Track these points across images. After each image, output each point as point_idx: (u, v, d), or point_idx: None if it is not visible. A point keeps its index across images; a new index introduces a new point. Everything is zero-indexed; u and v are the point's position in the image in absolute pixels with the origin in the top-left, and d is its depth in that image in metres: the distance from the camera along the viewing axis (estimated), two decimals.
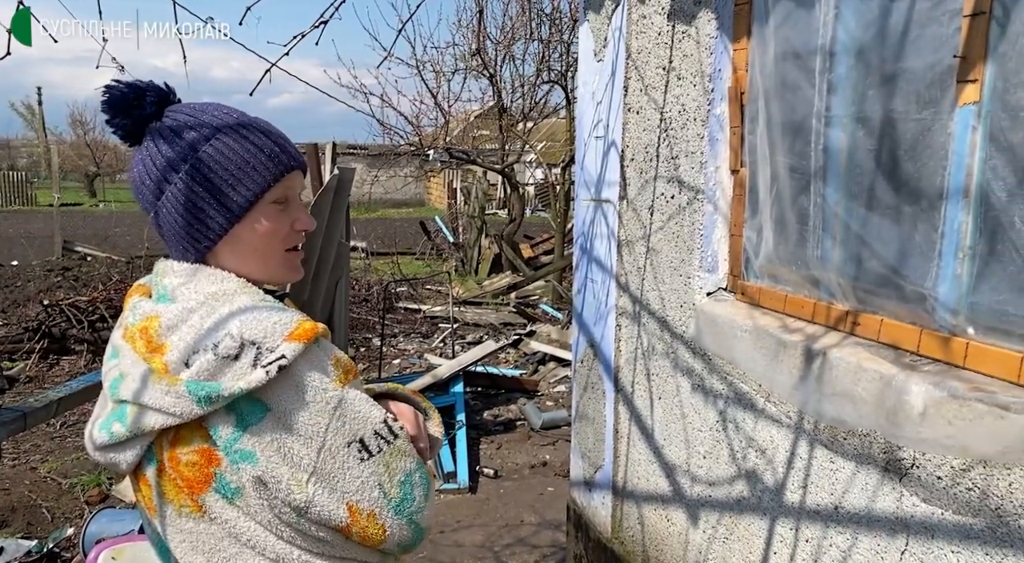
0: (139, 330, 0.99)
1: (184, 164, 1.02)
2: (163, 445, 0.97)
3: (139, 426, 0.95)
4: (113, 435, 0.97)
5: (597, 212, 2.82)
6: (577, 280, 3.04)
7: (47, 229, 15.94)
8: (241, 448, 0.95)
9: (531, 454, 5.03)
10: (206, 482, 0.96)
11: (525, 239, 15.76)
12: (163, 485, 0.99)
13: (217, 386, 0.93)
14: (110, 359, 1.04)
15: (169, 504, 0.99)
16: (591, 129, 2.85)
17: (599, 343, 2.83)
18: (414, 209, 29.43)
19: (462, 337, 9.03)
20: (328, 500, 0.96)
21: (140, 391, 0.95)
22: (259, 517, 0.97)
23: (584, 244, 2.95)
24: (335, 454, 0.97)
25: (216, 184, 1.02)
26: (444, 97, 12.41)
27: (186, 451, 0.96)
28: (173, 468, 0.97)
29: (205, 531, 0.98)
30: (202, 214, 1.03)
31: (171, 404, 0.93)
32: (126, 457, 0.99)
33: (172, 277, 1.04)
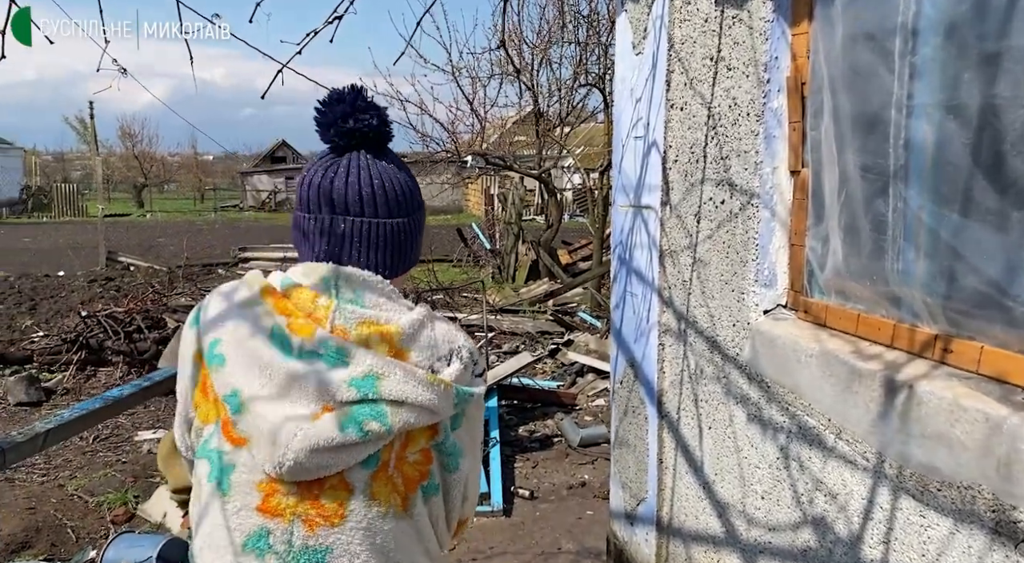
0: (374, 334, 1.01)
1: (422, 203, 1.17)
2: (394, 446, 1.01)
3: (404, 424, 0.98)
4: (368, 434, 0.97)
5: (636, 219, 2.57)
6: (615, 293, 2.80)
7: (95, 239, 16.19)
8: (454, 444, 1.06)
9: (569, 473, 4.77)
10: (420, 480, 1.04)
11: (563, 245, 15.50)
12: (375, 487, 1.01)
13: (471, 390, 1.04)
14: (310, 359, 0.99)
15: (375, 506, 1.01)
16: (630, 129, 2.61)
17: (640, 363, 2.58)
18: (452, 216, 29.39)
19: (498, 346, 8.81)
20: (470, 493, 1.13)
21: (413, 391, 0.98)
22: (435, 513, 1.08)
23: (622, 254, 2.71)
24: (475, 454, 1.13)
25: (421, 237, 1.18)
26: (480, 103, 12.24)
27: (413, 451, 1.03)
28: (398, 467, 1.02)
29: (399, 529, 1.03)
30: (420, 244, 1.16)
31: (442, 404, 1.00)
32: (351, 458, 0.98)
33: (368, 287, 1.05)
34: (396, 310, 1.05)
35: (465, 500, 1.13)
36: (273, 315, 1.01)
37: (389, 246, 1.09)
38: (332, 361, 0.98)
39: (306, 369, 0.97)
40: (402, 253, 1.11)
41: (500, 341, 9.05)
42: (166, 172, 51.85)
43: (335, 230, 1.06)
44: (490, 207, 17.02)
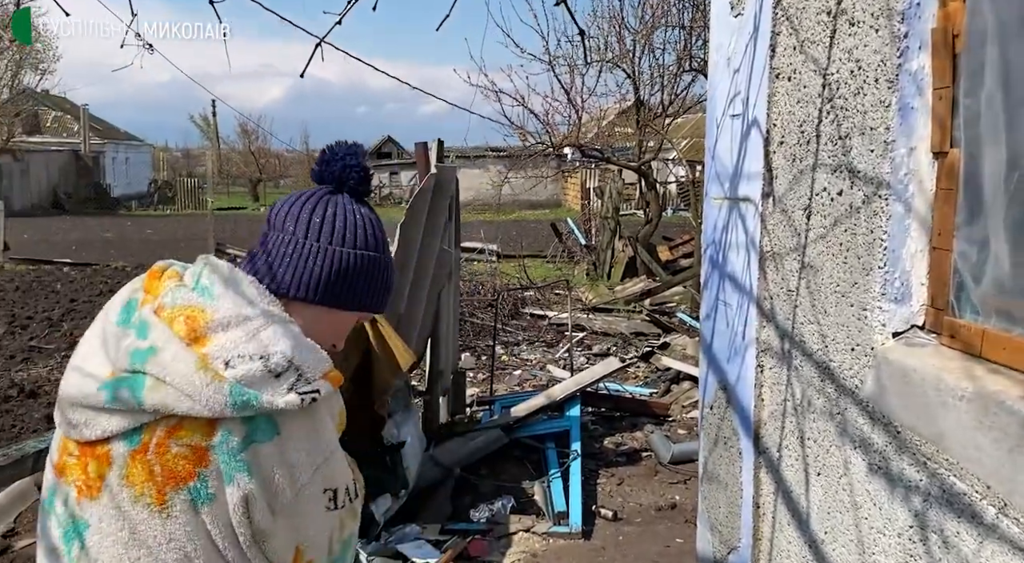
0: (183, 315, 0.99)
1: (382, 253, 1.14)
2: (156, 429, 0.96)
3: (158, 403, 0.94)
4: (116, 400, 0.95)
5: (732, 214, 2.16)
6: (706, 302, 2.39)
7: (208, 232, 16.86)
8: (243, 460, 0.95)
9: (657, 493, 4.36)
10: (185, 479, 0.95)
11: (664, 241, 14.87)
12: (132, 467, 0.96)
13: (257, 395, 0.95)
14: (121, 325, 1.02)
15: (128, 488, 0.96)
16: (725, 106, 2.19)
17: (734, 386, 2.16)
18: (550, 210, 29.09)
19: (588, 347, 8.43)
20: (285, 537, 0.99)
21: (177, 373, 0.95)
22: (215, 531, 0.96)
23: (715, 255, 2.29)
24: (310, 497, 1.00)
25: (379, 283, 1.15)
26: (577, 92, 11.82)
27: (181, 443, 0.95)
28: (157, 455, 0.95)
29: (155, 527, 0.96)
30: (355, 286, 1.11)
31: (207, 397, 0.94)
32: (107, 425, 0.97)
33: (229, 284, 1.04)
34: (231, 304, 1.01)
35: (263, 537, 0.98)
36: (139, 290, 1.07)
37: (300, 264, 1.08)
38: (139, 333, 1.00)
39: (116, 333, 1.01)
40: (315, 276, 1.08)
41: (591, 341, 8.66)
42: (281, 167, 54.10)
43: (264, 242, 1.12)
44: (586, 201, 16.58)
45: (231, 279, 1.05)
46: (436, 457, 4.26)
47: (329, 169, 1.13)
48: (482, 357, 7.87)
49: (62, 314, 9.95)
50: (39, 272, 13.81)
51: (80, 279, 12.96)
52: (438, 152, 4.51)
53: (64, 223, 25.93)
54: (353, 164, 1.13)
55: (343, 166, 1.12)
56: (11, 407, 6.28)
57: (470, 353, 8.02)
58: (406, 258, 3.77)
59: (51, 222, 26.12)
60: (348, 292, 1.10)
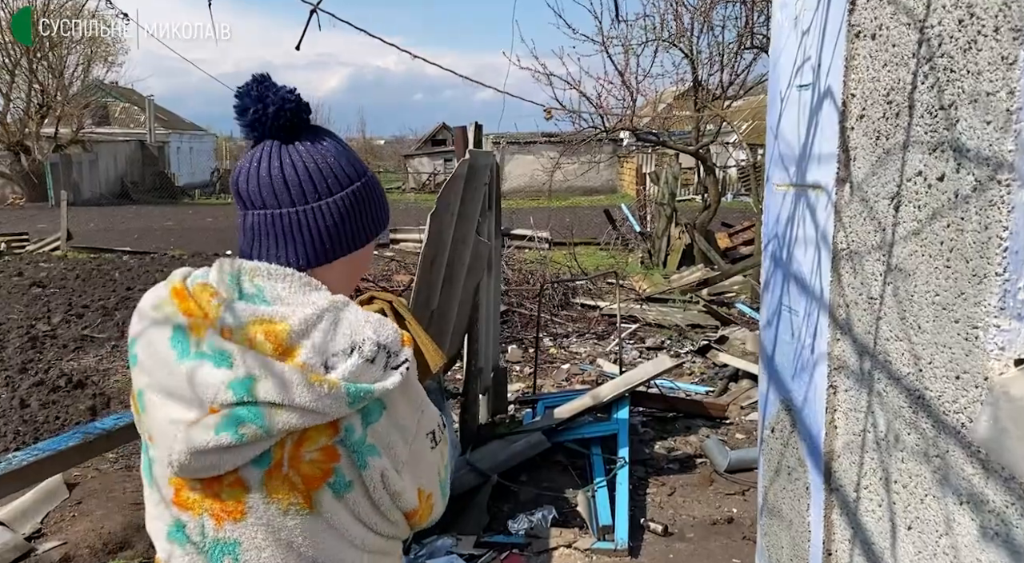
0: (260, 333, 0.98)
1: (361, 178, 1.11)
2: (286, 445, 0.99)
3: (284, 426, 0.96)
4: (244, 437, 0.96)
5: (799, 204, 1.81)
6: (766, 305, 2.04)
7: None
8: (369, 443, 1.01)
9: (712, 505, 4.01)
10: (323, 478, 1.00)
11: (723, 227, 14.31)
12: (271, 485, 1.00)
13: (369, 387, 0.98)
14: (200, 358, 0.98)
15: (274, 503, 1.00)
16: (792, 76, 1.84)
17: (799, 408, 1.82)
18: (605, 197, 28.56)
19: (641, 340, 8.06)
20: (410, 486, 1.06)
21: (291, 393, 0.95)
22: (357, 508, 1.03)
23: (778, 251, 1.95)
24: (418, 444, 1.07)
25: (375, 204, 1.13)
26: (632, 74, 11.36)
27: (311, 449, 0.99)
28: (293, 466, 0.99)
29: (307, 524, 1.01)
30: (347, 232, 1.09)
31: (328, 405, 0.96)
32: (238, 459, 0.98)
33: (269, 280, 1.04)
34: (299, 304, 1.02)
35: (397, 495, 1.06)
36: (178, 316, 1.02)
37: (297, 236, 1.07)
38: (217, 362, 0.98)
39: (195, 370, 0.98)
40: (317, 241, 1.08)
41: (644, 334, 8.28)
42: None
43: (245, 224, 1.09)
44: (642, 187, 16.08)
45: (270, 276, 1.04)
46: (473, 462, 4.00)
47: (258, 120, 1.06)
48: (529, 349, 7.59)
49: (117, 302, 10.07)
50: (99, 260, 14.11)
51: (137, 267, 13.17)
52: (476, 136, 4.23)
53: (129, 212, 26.67)
54: (277, 104, 1.05)
55: (275, 111, 1.06)
56: (58, 398, 6.30)
57: (517, 345, 7.76)
58: (437, 250, 3.51)
59: (117, 211, 26.90)
60: (354, 232, 1.10)
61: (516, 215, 16.65)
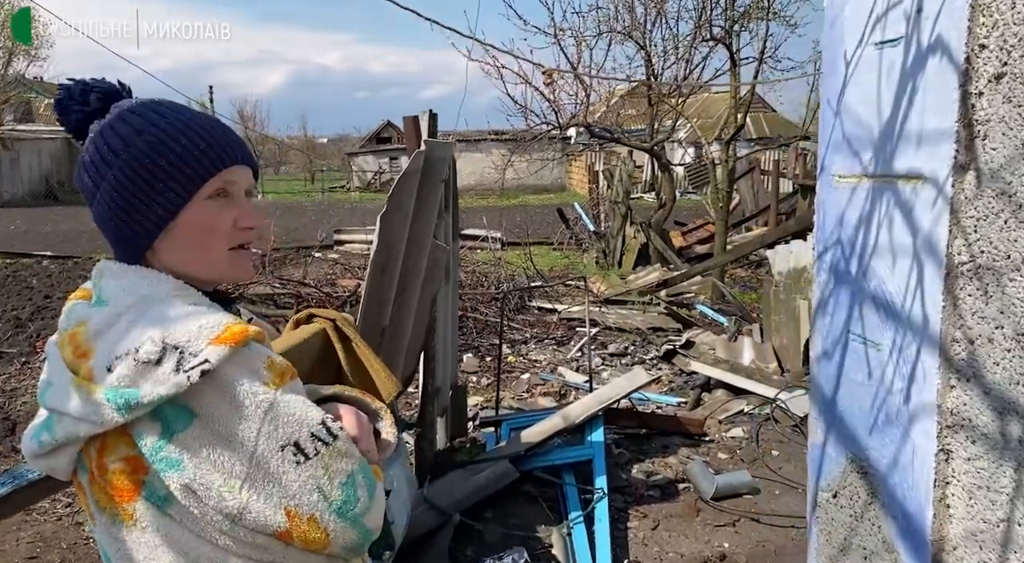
0: (69, 335, 0.96)
1: (120, 156, 0.98)
2: (91, 453, 0.94)
3: (64, 435, 0.93)
4: (42, 444, 0.95)
5: (880, 200, 1.36)
6: (823, 332, 1.59)
7: None
8: (167, 456, 0.90)
9: (702, 540, 3.58)
10: (135, 490, 0.93)
11: (675, 226, 14.06)
12: (95, 493, 0.96)
13: (136, 393, 0.89)
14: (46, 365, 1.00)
15: (103, 512, 0.96)
16: (866, 29, 1.39)
17: (882, 472, 1.38)
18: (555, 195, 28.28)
19: (603, 345, 7.64)
20: (264, 506, 0.92)
21: (64, 399, 0.92)
22: (191, 525, 0.94)
23: (841, 264, 1.50)
24: (269, 459, 0.93)
25: (150, 177, 0.98)
26: (585, 68, 10.96)
27: (113, 460, 0.93)
28: (101, 476, 0.94)
29: (139, 539, 0.94)
30: (137, 208, 0.98)
31: (91, 412, 0.90)
32: (60, 464, 0.96)
33: (108, 278, 1.00)
34: (113, 304, 0.95)
35: (238, 516, 0.90)
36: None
37: (107, 230, 1.01)
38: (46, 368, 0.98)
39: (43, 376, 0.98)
40: (118, 229, 0.99)
41: (605, 338, 7.86)
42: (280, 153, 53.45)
43: None
44: (594, 185, 15.75)
45: (105, 273, 1.00)
46: (431, 499, 3.49)
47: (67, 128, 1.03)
48: (486, 358, 7.09)
49: (32, 313, 9.17)
50: (16, 266, 13.02)
51: (58, 273, 12.16)
52: (431, 128, 3.71)
53: (55, 213, 25.15)
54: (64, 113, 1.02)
55: (62, 121, 1.02)
56: None
57: (473, 354, 7.25)
58: (389, 257, 2.99)
59: (41, 212, 25.37)
60: (146, 203, 0.97)
61: (467, 214, 16.13)
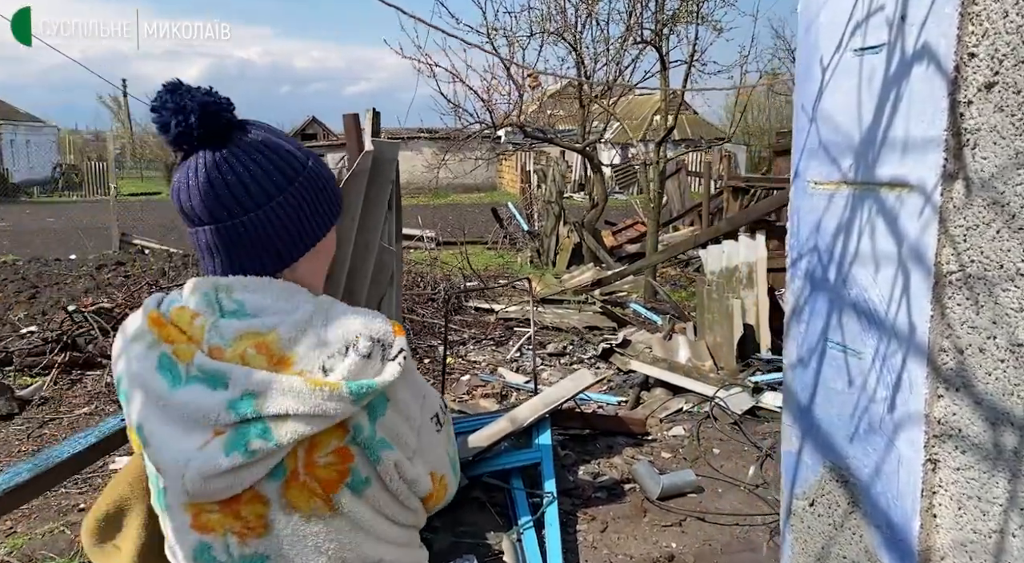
0: (250, 347, 0.96)
1: (301, 174, 1.03)
2: (299, 454, 0.97)
3: (292, 436, 0.94)
4: (255, 454, 0.94)
5: (862, 208, 1.35)
6: (798, 339, 1.58)
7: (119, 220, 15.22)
8: (381, 437, 0.99)
9: (650, 541, 3.58)
10: (340, 480, 0.99)
11: (606, 225, 14.22)
12: (290, 495, 0.98)
13: (371, 382, 0.95)
14: (188, 385, 0.96)
15: (295, 513, 0.99)
16: (845, 35, 1.38)
17: (864, 481, 1.37)
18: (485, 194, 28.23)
19: (541, 345, 7.63)
20: (422, 471, 1.05)
21: (295, 403, 0.93)
22: (377, 502, 1.02)
23: (816, 270, 1.49)
24: (424, 430, 1.06)
25: (322, 199, 1.06)
26: (518, 69, 10.94)
27: (323, 454, 0.97)
28: (309, 473, 0.98)
29: (332, 526, 1.00)
30: (304, 225, 1.04)
31: (332, 407, 0.94)
32: (252, 476, 0.95)
33: (247, 292, 1.00)
34: (284, 312, 0.98)
35: (413, 482, 1.05)
36: (159, 344, 0.99)
37: (257, 243, 1.01)
38: (213, 384, 0.96)
39: (190, 397, 0.96)
40: (278, 242, 1.02)
41: (543, 338, 7.86)
42: None
43: (200, 242, 1.03)
44: (527, 185, 15.78)
45: (246, 288, 1.00)
46: None
47: (184, 133, 0.99)
48: (425, 360, 6.98)
49: None
50: None
51: None
52: (374, 126, 3.59)
53: None
54: (198, 111, 0.98)
55: (198, 120, 0.98)
56: None
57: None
58: (336, 261, 2.87)
59: None
60: (313, 224, 1.04)
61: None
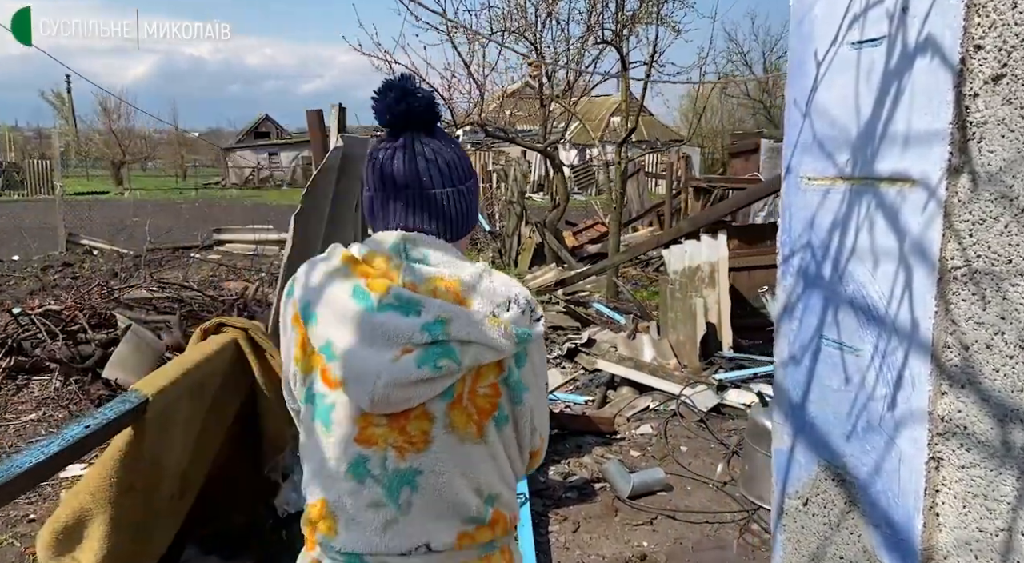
0: (442, 286, 1.15)
1: (474, 172, 1.27)
2: (466, 380, 1.15)
3: (472, 360, 1.12)
4: (441, 369, 1.11)
5: (857, 204, 1.33)
6: (789, 337, 1.56)
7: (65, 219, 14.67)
8: (521, 381, 1.19)
9: (622, 540, 3.56)
10: (491, 411, 1.17)
11: (567, 226, 14.23)
12: (453, 416, 1.15)
13: (528, 331, 1.15)
14: (386, 311, 1.12)
15: (454, 433, 1.15)
16: (841, 28, 1.36)
17: (862, 479, 1.35)
18: None
19: None
20: (539, 426, 1.25)
21: (476, 332, 1.12)
22: (508, 441, 1.21)
23: (812, 267, 1.47)
24: (542, 393, 1.26)
25: (476, 199, 1.29)
26: (479, 66, 10.89)
27: (484, 385, 1.16)
28: (471, 400, 1.15)
29: (476, 453, 1.17)
30: (476, 208, 1.26)
31: (504, 343, 1.13)
32: (430, 391, 1.12)
33: (432, 249, 1.19)
34: (459, 267, 1.17)
35: (534, 431, 1.24)
36: (354, 277, 1.16)
37: (444, 213, 1.21)
38: (406, 311, 1.12)
39: (385, 319, 1.12)
40: (457, 218, 1.22)
41: None
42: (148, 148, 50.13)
43: (399, 202, 1.21)
44: (488, 184, 15.73)
45: (430, 245, 1.19)
46: None
47: (409, 111, 1.18)
48: None
49: None
50: None
51: None
52: (340, 122, 3.50)
53: None
54: (415, 104, 1.18)
55: (425, 108, 1.19)
56: None
57: None
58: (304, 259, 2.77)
59: None
60: (475, 213, 1.26)
61: None
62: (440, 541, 1.15)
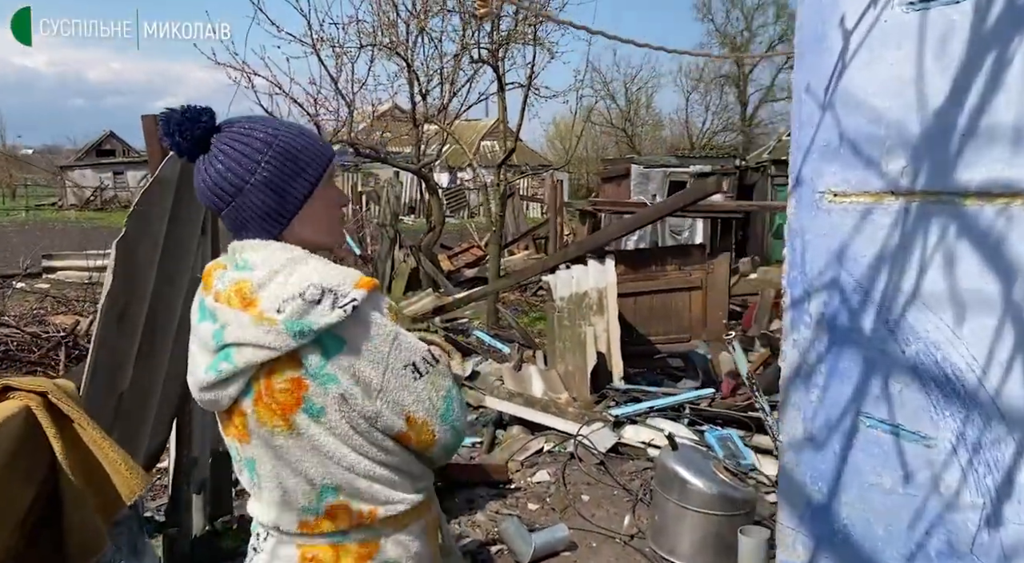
0: (233, 291, 1.22)
1: (265, 155, 1.26)
2: (260, 378, 1.20)
3: (245, 362, 1.18)
4: (221, 372, 1.19)
5: (924, 230, 0.95)
6: (798, 405, 1.14)
7: None
8: (328, 373, 1.20)
9: None
10: (296, 404, 1.21)
11: (442, 249, 13.78)
12: (258, 412, 1.22)
13: (309, 323, 1.17)
14: (202, 321, 1.26)
15: (263, 427, 1.22)
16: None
17: None
18: None
19: None
20: (391, 411, 1.23)
21: (244, 333, 1.18)
22: (337, 431, 1.22)
23: (837, 316, 1.07)
24: (396, 375, 1.23)
25: (295, 166, 1.28)
26: (347, 81, 10.29)
27: (280, 380, 1.20)
28: (269, 395, 1.20)
29: (294, 445, 1.22)
30: (286, 190, 1.26)
31: (272, 340, 1.17)
32: (228, 392, 1.22)
33: (251, 251, 1.26)
34: (268, 265, 1.22)
35: (373, 419, 1.22)
36: (201, 290, 1.29)
37: (251, 219, 1.27)
38: (213, 319, 1.23)
39: (201, 328, 1.25)
40: (264, 216, 1.26)
41: None
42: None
43: (224, 223, 1.33)
44: (358, 207, 15.00)
45: (248, 248, 1.26)
46: None
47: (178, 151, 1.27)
48: None
49: None
50: None
51: None
52: None
53: None
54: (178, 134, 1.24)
55: (175, 144, 1.26)
56: None
57: None
58: (130, 299, 2.14)
59: None
60: (286, 194, 1.26)
61: None
62: (285, 525, 1.27)
